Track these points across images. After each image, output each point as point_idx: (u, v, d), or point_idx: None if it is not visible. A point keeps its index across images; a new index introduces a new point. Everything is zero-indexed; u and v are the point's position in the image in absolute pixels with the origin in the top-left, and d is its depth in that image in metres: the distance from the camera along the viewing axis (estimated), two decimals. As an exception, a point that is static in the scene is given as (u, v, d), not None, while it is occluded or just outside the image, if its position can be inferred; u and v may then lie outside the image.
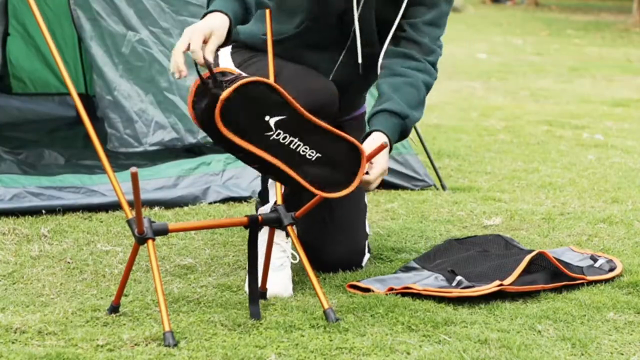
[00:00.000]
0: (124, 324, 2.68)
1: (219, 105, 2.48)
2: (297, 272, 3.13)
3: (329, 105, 2.96)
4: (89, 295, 2.91)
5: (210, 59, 2.59)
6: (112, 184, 2.70)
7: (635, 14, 17.78)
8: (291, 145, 2.60)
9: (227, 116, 2.50)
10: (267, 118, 2.56)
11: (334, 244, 3.18)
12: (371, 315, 2.78)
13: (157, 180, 4.06)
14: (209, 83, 2.54)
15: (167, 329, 2.54)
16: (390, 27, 3.01)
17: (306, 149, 2.63)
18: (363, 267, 3.26)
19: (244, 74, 2.60)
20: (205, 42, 2.63)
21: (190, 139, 4.35)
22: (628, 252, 3.48)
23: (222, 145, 2.61)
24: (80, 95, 5.63)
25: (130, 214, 2.66)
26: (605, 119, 6.70)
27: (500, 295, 2.94)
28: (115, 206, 3.84)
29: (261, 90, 2.54)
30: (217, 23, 2.68)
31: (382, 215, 3.98)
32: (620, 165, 5.06)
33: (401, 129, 2.93)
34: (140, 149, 4.36)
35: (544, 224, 3.86)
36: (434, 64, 3.05)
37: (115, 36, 4.29)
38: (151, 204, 3.94)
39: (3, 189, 3.79)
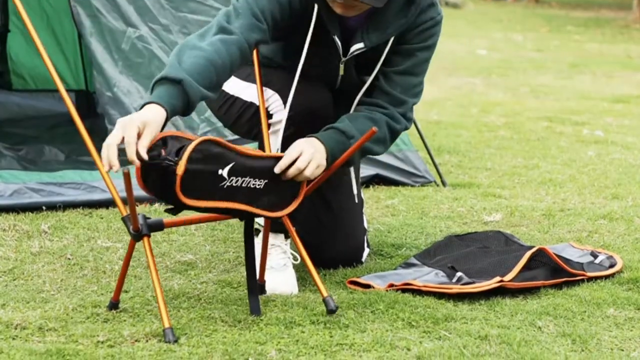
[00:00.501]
0: (125, 320, 2.68)
1: (178, 181, 2.51)
2: (297, 269, 3.13)
3: (325, 104, 3.01)
4: (89, 292, 2.91)
5: (144, 155, 2.49)
6: (105, 182, 2.71)
7: (635, 10, 17.77)
8: (243, 185, 2.67)
9: (186, 187, 2.54)
10: (220, 172, 2.61)
11: (332, 240, 3.19)
12: (371, 312, 2.78)
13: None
14: (157, 161, 2.55)
15: (166, 325, 2.54)
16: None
17: (255, 181, 2.70)
18: (363, 263, 3.26)
19: (183, 138, 2.61)
20: (139, 135, 2.50)
21: (190, 135, 4.35)
22: (628, 249, 3.48)
23: (182, 208, 2.64)
24: (80, 91, 5.64)
25: (125, 212, 2.67)
26: (606, 115, 6.70)
27: (501, 292, 2.94)
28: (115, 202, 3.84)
29: (207, 148, 2.58)
30: (152, 116, 2.54)
31: (382, 212, 3.98)
32: (621, 162, 5.06)
33: (344, 147, 2.87)
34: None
35: (544, 220, 3.86)
36: (404, 114, 3.04)
37: (115, 33, 4.29)
38: (147, 200, 3.93)
39: (3, 185, 3.79)
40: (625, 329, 2.72)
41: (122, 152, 2.47)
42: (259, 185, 2.71)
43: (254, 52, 2.97)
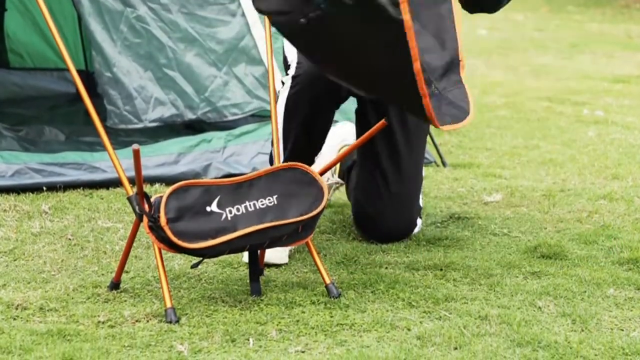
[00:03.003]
0: (125, 301, 2.68)
1: (170, 235, 2.53)
2: (298, 248, 3.14)
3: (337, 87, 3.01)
4: (90, 272, 2.92)
5: None
6: (112, 161, 2.70)
7: (636, -11, 17.71)
8: (249, 209, 2.66)
9: (181, 235, 2.55)
10: (208, 209, 2.61)
11: (389, 219, 3.23)
12: (372, 292, 2.79)
13: (158, 157, 4.05)
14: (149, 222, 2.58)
15: (168, 305, 2.54)
16: None
17: (262, 200, 2.68)
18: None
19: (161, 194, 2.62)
20: None
21: (190, 115, 4.34)
22: (628, 229, 3.48)
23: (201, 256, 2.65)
24: (80, 71, 5.61)
25: (131, 191, 2.66)
26: (606, 95, 6.68)
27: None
28: (116, 183, 3.84)
29: (183, 194, 2.60)
30: None
31: (383, 192, 3.98)
32: (621, 142, 5.06)
33: None
34: (140, 125, 4.35)
35: (545, 201, 3.86)
36: None
37: (113, 13, 4.28)
38: (152, 180, 3.93)
39: (5, 165, 3.79)
40: (626, 309, 2.73)
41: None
42: (269, 201, 2.69)
43: (265, 18, 2.96)
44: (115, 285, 2.76)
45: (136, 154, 2.46)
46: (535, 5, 15.11)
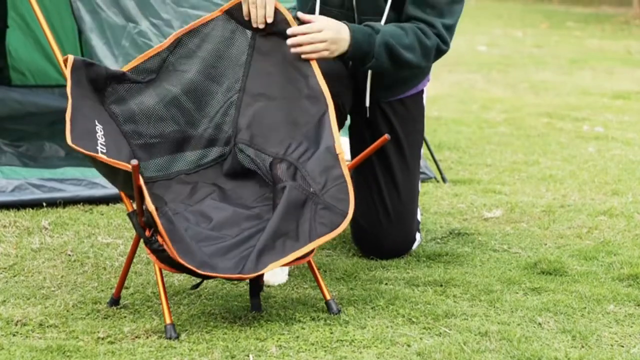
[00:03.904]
0: (125, 317, 2.68)
1: (173, 253, 2.50)
2: (299, 266, 3.13)
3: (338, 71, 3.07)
4: (89, 288, 2.91)
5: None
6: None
7: (635, 6, 17.74)
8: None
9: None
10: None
11: (388, 236, 3.24)
12: (372, 308, 2.78)
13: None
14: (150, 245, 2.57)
15: (168, 321, 2.54)
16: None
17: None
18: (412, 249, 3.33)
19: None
20: None
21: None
22: (628, 245, 3.48)
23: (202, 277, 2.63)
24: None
25: (131, 207, 2.66)
26: (606, 111, 6.69)
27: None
28: (116, 199, 3.84)
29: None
30: None
31: (383, 208, 3.98)
32: (621, 158, 5.06)
33: (369, 38, 2.95)
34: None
35: (545, 217, 3.86)
36: (437, 34, 3.05)
37: (115, 28, 4.28)
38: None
39: (5, 181, 3.79)
40: (626, 325, 2.72)
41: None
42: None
43: None
44: (115, 301, 2.76)
45: (135, 170, 2.46)
46: (534, 22, 15.15)
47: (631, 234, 3.64)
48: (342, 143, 3.60)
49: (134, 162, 2.45)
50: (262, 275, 2.87)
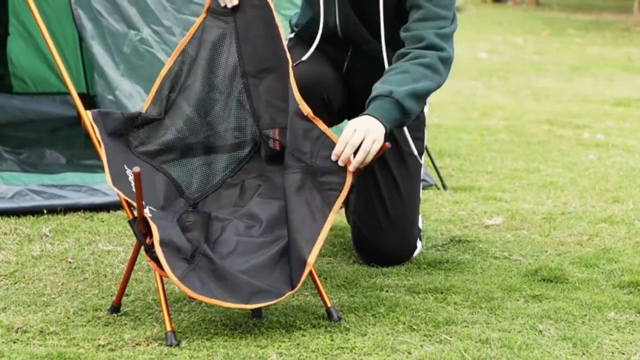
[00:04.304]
0: (126, 324, 2.68)
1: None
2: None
3: (312, 84, 3.08)
4: (90, 295, 2.91)
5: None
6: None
7: (636, 13, 17.76)
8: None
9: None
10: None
11: (389, 243, 3.23)
12: (372, 315, 2.78)
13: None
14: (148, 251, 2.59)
15: (168, 328, 2.54)
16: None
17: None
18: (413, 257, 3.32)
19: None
20: None
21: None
22: (629, 252, 3.48)
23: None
24: (81, 95, 5.62)
25: (132, 215, 2.66)
26: (606, 118, 6.69)
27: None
28: (116, 206, 3.84)
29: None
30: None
31: (383, 215, 3.98)
32: (622, 165, 5.06)
33: (394, 111, 2.88)
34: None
35: (545, 224, 3.86)
36: (429, 48, 3.01)
37: (117, 35, 4.29)
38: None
39: (5, 187, 3.79)
40: (626, 333, 2.72)
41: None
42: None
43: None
44: (115, 308, 2.76)
45: (137, 177, 2.46)
46: (535, 29, 15.16)
47: (632, 241, 3.64)
48: None
49: (136, 169, 2.46)
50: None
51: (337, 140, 2.75)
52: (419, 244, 3.34)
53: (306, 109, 2.79)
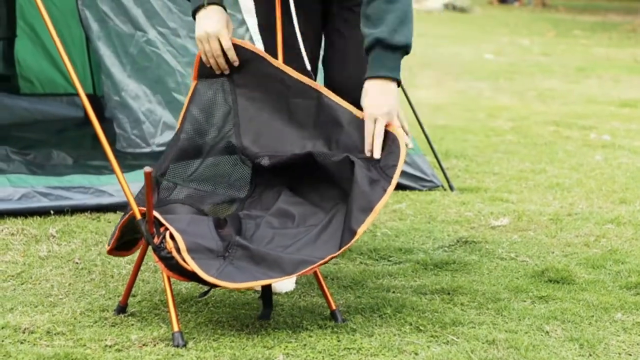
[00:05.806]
0: (132, 325, 2.68)
1: (187, 260, 2.51)
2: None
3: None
4: (97, 296, 2.92)
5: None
6: (120, 184, 2.70)
7: (642, 14, 17.73)
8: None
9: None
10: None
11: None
12: (379, 316, 2.78)
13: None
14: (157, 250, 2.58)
15: (176, 329, 2.54)
16: None
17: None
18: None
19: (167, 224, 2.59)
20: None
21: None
22: (636, 253, 3.48)
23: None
24: (88, 95, 5.62)
25: (139, 215, 2.66)
26: (613, 119, 6.69)
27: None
28: (123, 206, 3.84)
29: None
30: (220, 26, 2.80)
31: (390, 216, 3.98)
32: (628, 166, 5.06)
33: (394, 58, 2.75)
34: (148, 149, 4.37)
35: (552, 225, 3.86)
36: None
37: (123, 36, 4.30)
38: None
39: (12, 189, 3.80)
40: (633, 334, 2.72)
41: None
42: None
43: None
44: (122, 309, 2.76)
45: (147, 177, 2.46)
46: (541, 30, 15.15)
47: (639, 242, 3.63)
48: None
49: (147, 169, 2.47)
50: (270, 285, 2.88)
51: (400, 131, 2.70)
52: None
53: (358, 113, 2.76)
